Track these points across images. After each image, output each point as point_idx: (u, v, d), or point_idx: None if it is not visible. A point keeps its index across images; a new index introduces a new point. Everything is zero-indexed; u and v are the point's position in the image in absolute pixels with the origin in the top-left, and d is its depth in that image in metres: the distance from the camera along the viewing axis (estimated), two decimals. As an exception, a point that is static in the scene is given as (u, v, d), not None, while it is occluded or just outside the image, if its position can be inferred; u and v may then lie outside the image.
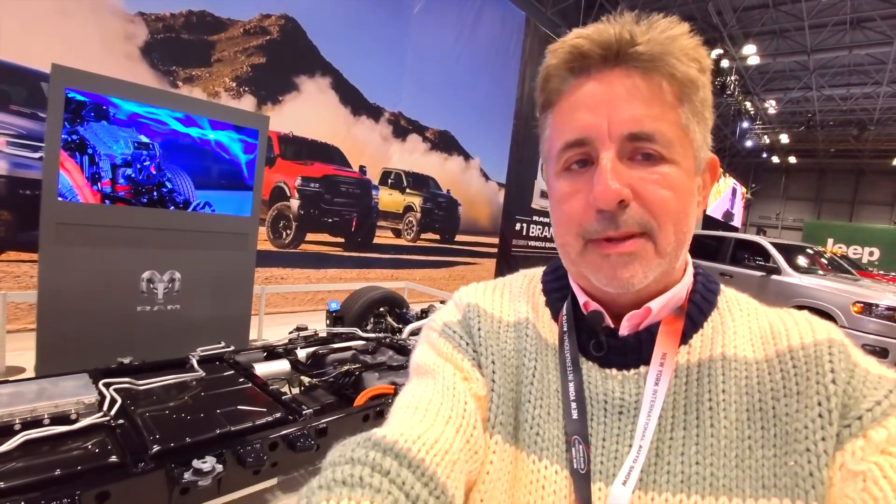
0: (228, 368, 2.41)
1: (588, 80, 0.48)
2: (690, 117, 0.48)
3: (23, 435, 1.52)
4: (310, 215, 5.46)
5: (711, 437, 0.47)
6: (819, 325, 0.50)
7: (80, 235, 2.49)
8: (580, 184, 0.49)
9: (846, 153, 23.54)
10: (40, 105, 3.59)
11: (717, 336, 0.52)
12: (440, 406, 0.50)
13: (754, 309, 0.55)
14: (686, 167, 0.49)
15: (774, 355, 0.49)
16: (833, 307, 5.35)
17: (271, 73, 4.93)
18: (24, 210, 3.58)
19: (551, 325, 0.58)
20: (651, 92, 0.47)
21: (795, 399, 0.46)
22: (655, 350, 0.51)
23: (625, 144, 0.47)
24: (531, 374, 0.55)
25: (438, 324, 0.61)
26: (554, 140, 0.52)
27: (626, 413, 0.50)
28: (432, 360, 0.57)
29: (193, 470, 1.54)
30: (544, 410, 0.53)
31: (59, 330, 2.47)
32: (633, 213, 0.46)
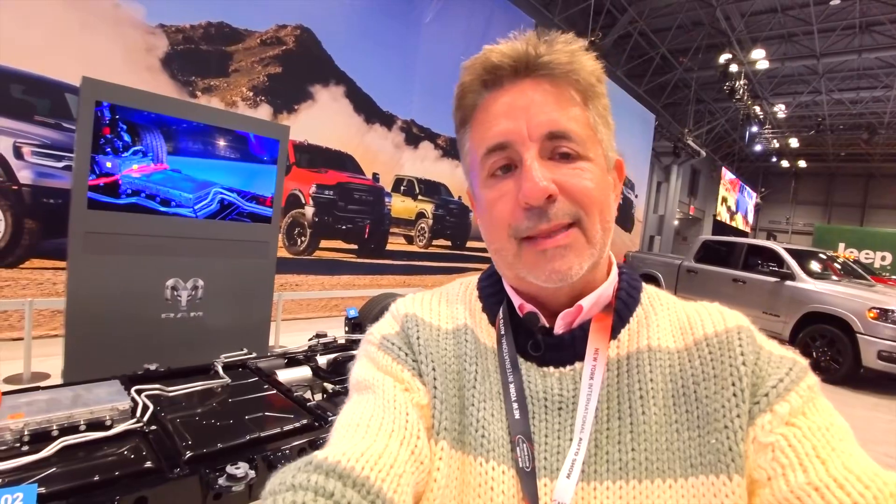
0: (252, 375, 2.44)
1: (501, 91, 0.52)
2: (597, 119, 0.53)
3: (61, 441, 1.55)
4: (324, 222, 5.52)
5: (644, 424, 0.50)
6: (729, 315, 0.55)
7: (107, 244, 2.53)
8: (506, 187, 0.51)
9: (856, 157, 23.36)
10: (64, 116, 3.67)
11: (643, 329, 0.55)
12: (382, 420, 0.50)
13: (673, 303, 0.59)
14: (599, 164, 0.53)
15: (693, 344, 0.53)
16: (848, 313, 5.30)
17: (287, 83, 5.01)
18: (49, 219, 3.65)
19: (489, 329, 0.60)
20: (561, 96, 0.51)
21: (713, 382, 0.50)
22: (588, 346, 0.53)
23: (545, 144, 0.50)
24: (473, 377, 0.56)
25: (377, 337, 0.61)
26: (475, 150, 0.54)
27: (565, 408, 0.53)
28: (371, 375, 0.57)
29: (227, 475, 1.57)
30: (488, 412, 0.54)
31: (87, 336, 2.51)
32: (561, 206, 0.49)
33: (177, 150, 2.73)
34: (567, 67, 0.51)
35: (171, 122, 2.69)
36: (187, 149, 2.77)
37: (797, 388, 0.47)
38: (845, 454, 0.44)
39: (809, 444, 0.44)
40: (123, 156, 2.57)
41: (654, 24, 13.27)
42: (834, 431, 0.46)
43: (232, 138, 2.93)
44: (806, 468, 0.43)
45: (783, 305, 5.98)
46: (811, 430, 0.45)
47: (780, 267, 6.19)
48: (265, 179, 3.07)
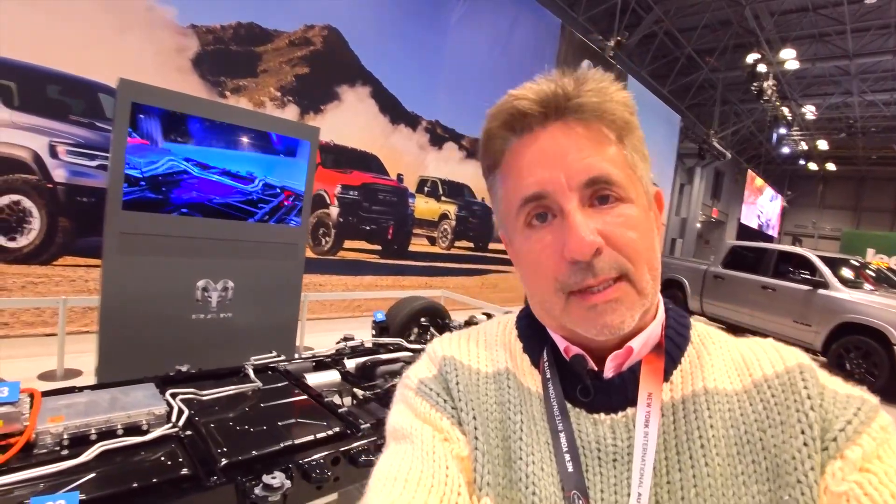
0: (282, 378, 2.43)
1: (531, 137, 0.50)
2: (634, 155, 0.51)
3: (100, 445, 1.55)
4: (348, 223, 5.52)
5: (708, 477, 0.46)
6: (786, 352, 0.51)
7: (141, 244, 2.55)
8: (546, 239, 0.49)
9: (888, 160, 22.65)
10: (97, 115, 3.72)
11: (696, 370, 0.52)
12: (420, 474, 0.48)
13: (724, 341, 0.55)
14: (640, 204, 0.50)
15: (752, 386, 0.50)
16: (885, 324, 5.11)
17: (314, 83, 5.02)
18: (82, 217, 3.70)
19: (532, 372, 0.56)
20: (595, 138, 0.49)
21: (780, 430, 0.46)
22: (641, 390, 0.50)
23: (584, 191, 0.47)
24: (518, 428, 0.53)
25: (413, 381, 0.59)
26: (510, 199, 0.52)
27: (620, 460, 0.49)
28: (409, 423, 0.55)
29: (263, 485, 1.55)
30: (537, 466, 0.51)
31: (119, 336, 2.53)
32: (607, 259, 0.46)
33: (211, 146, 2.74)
34: (599, 108, 0.48)
35: (205, 122, 2.69)
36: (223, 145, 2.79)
37: (868, 430, 0.44)
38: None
39: (887, 491, 0.41)
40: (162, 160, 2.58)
41: (680, 23, 13.02)
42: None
43: (261, 137, 2.93)
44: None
45: (815, 315, 5.80)
46: (888, 475, 0.42)
47: (812, 275, 6.00)
48: (296, 173, 3.07)
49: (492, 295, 7.72)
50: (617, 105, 0.49)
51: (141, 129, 2.51)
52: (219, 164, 2.79)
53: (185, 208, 2.68)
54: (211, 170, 2.77)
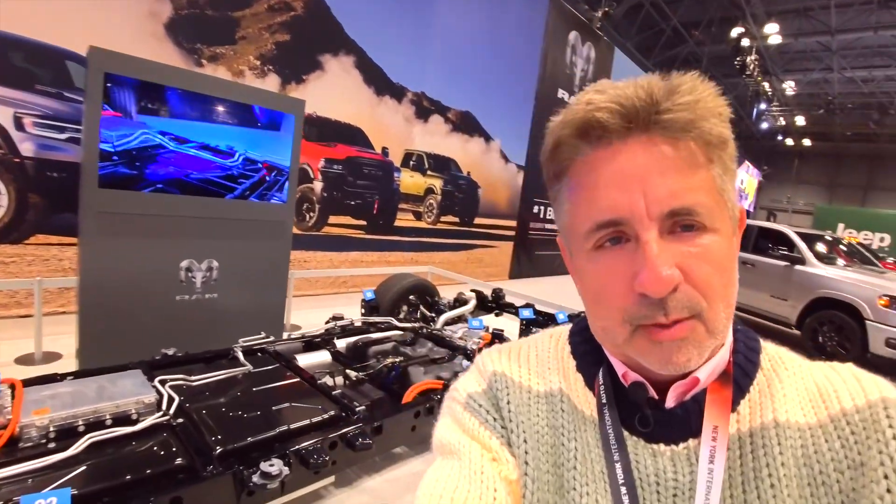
0: (272, 360, 2.39)
1: (609, 151, 0.44)
2: (723, 176, 0.45)
3: (88, 437, 1.50)
4: (333, 198, 5.40)
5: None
6: (868, 383, 0.46)
7: (120, 224, 2.44)
8: (618, 265, 0.44)
9: (863, 137, 23.11)
10: (66, 85, 3.51)
11: (766, 400, 0.48)
12: (467, 494, 0.47)
13: (798, 366, 0.51)
14: (725, 232, 0.45)
15: (828, 420, 0.45)
16: (859, 300, 5.28)
17: (295, 52, 4.80)
18: (53, 193, 3.53)
19: (586, 393, 0.53)
20: (683, 160, 0.43)
21: (861, 472, 0.42)
22: (705, 423, 0.47)
23: (665, 222, 0.43)
24: (573, 455, 0.51)
25: (462, 395, 0.57)
26: (579, 217, 0.47)
27: (680, 496, 0.46)
28: (457, 439, 0.53)
29: (261, 473, 1.53)
30: (592, 498, 0.49)
31: (101, 319, 2.45)
32: (681, 297, 0.43)
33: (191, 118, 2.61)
34: (691, 125, 0.42)
35: (184, 93, 2.55)
36: (202, 117, 2.65)
37: None
38: None
39: None
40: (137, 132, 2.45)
41: (668, -5, 12.83)
42: None
43: (243, 109, 2.80)
44: None
45: (792, 290, 5.96)
46: None
47: (790, 251, 6.14)
48: (279, 148, 2.96)
49: (477, 270, 7.72)
50: (712, 120, 0.44)
51: (114, 100, 2.36)
52: (197, 138, 2.66)
53: (160, 184, 2.56)
54: (188, 144, 2.65)
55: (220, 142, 2.74)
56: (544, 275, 9.35)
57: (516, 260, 8.70)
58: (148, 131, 2.51)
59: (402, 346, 2.86)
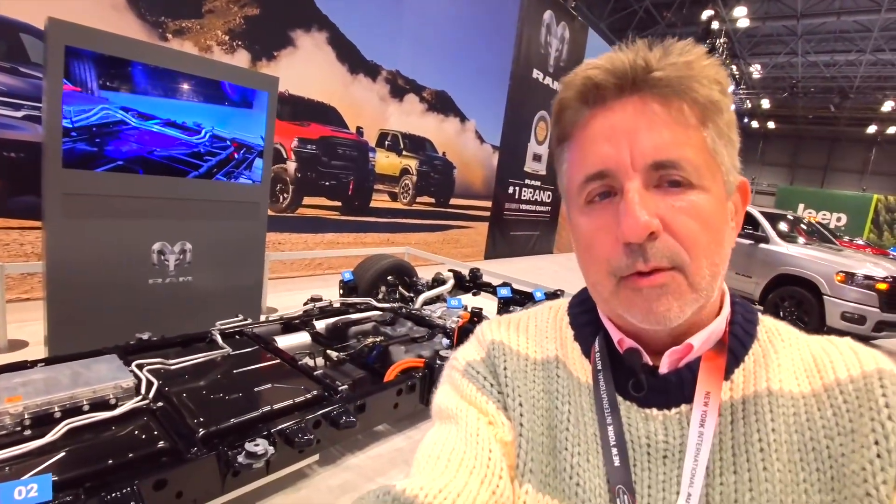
0: (251, 343, 2.37)
1: (604, 110, 0.47)
2: (717, 139, 0.46)
3: (66, 423, 1.47)
4: (307, 178, 5.30)
5: (766, 482, 0.44)
6: (865, 355, 0.48)
7: (87, 205, 2.35)
8: (605, 218, 0.47)
9: (823, 120, 23.94)
10: (21, 59, 3.32)
11: (760, 370, 0.49)
12: (463, 455, 0.48)
13: (795, 338, 0.52)
14: (716, 193, 0.46)
15: (822, 389, 0.47)
16: (818, 276, 5.54)
17: (266, 26, 4.64)
18: (11, 175, 3.36)
19: (582, 362, 0.55)
20: (672, 117, 0.45)
21: (850, 438, 0.44)
22: (698, 389, 0.48)
23: (650, 174, 0.45)
24: (566, 418, 0.53)
25: (461, 363, 0.59)
26: (573, 175, 0.49)
27: (670, 457, 0.48)
28: (455, 404, 0.55)
29: (246, 453, 1.53)
30: (583, 458, 0.50)
31: (70, 304, 2.37)
32: (662, 247, 0.44)
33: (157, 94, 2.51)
34: (682, 84, 0.44)
35: (149, 67, 2.45)
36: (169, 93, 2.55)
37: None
38: None
39: None
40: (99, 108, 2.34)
41: (641, -24, 12.86)
42: None
43: (211, 85, 2.71)
44: None
45: (756, 267, 6.20)
46: None
47: (755, 230, 6.37)
48: (251, 125, 2.87)
49: (453, 250, 7.75)
50: (703, 81, 0.45)
51: (73, 74, 2.25)
52: (162, 115, 2.56)
53: (121, 161, 2.45)
54: (152, 120, 2.55)
55: (187, 118, 2.64)
56: (519, 255, 9.45)
57: (492, 240, 8.76)
58: (109, 107, 2.40)
59: (382, 326, 2.87)
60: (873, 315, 5.17)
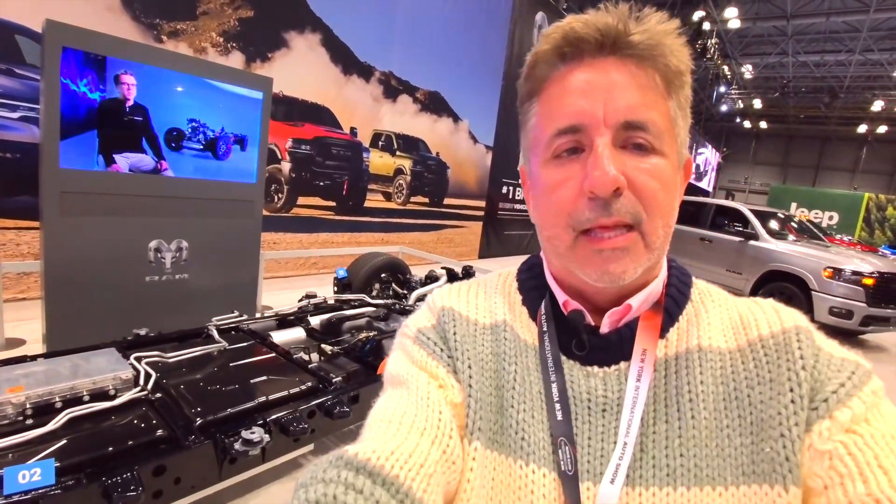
0: (247, 338, 2.42)
1: (580, 66, 0.48)
2: (678, 111, 0.49)
3: (67, 413, 1.51)
4: (301, 178, 5.35)
5: (693, 429, 0.48)
6: (785, 313, 0.52)
7: (84, 204, 2.39)
8: (571, 171, 0.48)
9: (814, 119, 24.17)
10: (16, 61, 3.35)
11: (693, 328, 0.53)
12: (414, 417, 0.49)
13: (725, 300, 0.56)
14: (672, 161, 0.49)
15: (746, 345, 0.50)
16: (806, 272, 5.63)
17: (260, 28, 4.68)
18: (7, 175, 3.39)
19: (529, 324, 0.57)
20: (646, 81, 0.47)
21: (769, 386, 0.47)
22: (636, 346, 0.51)
23: (619, 132, 0.47)
24: (512, 378, 0.54)
25: (412, 330, 0.60)
26: (543, 127, 0.51)
27: (609, 411, 0.51)
28: (406, 370, 0.56)
29: (243, 440, 1.58)
30: (528, 414, 0.52)
31: (68, 302, 2.41)
32: (625, 203, 0.46)
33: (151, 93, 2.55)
34: (656, 50, 0.47)
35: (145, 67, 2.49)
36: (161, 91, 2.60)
37: (860, 394, 0.45)
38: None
39: (871, 453, 0.41)
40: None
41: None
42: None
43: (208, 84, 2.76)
44: (866, 478, 0.40)
45: (746, 264, 6.29)
46: (874, 437, 0.43)
47: (745, 227, 6.46)
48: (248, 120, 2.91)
49: (448, 250, 7.81)
50: (674, 53, 0.47)
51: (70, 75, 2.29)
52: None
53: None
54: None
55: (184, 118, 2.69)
56: (514, 254, 9.52)
57: (486, 239, 8.82)
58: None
59: (376, 321, 2.92)
60: (860, 310, 5.26)
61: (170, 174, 2.66)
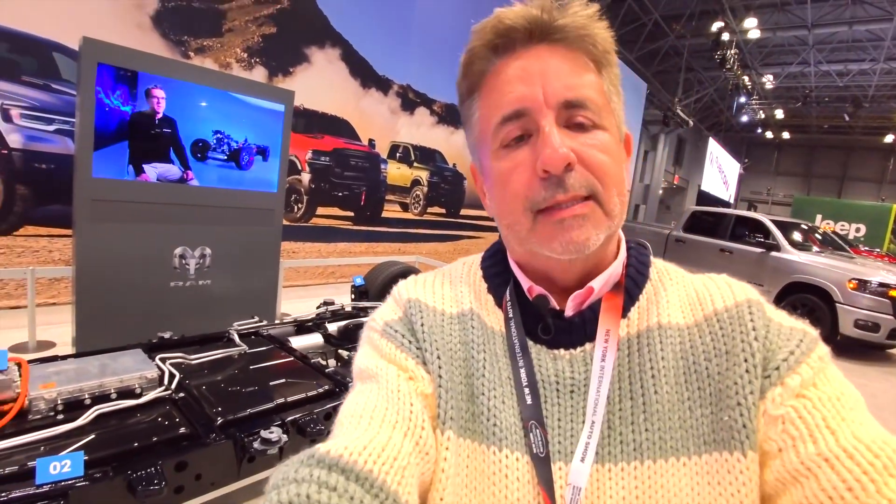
0: (266, 342, 2.48)
1: (514, 56, 0.50)
2: (611, 88, 0.52)
3: (95, 409, 1.58)
4: (320, 189, 5.46)
5: (656, 404, 0.50)
6: (738, 288, 0.54)
7: (114, 211, 2.49)
8: (520, 157, 0.50)
9: (838, 129, 23.68)
10: (53, 76, 3.52)
11: (652, 307, 0.55)
12: (385, 411, 0.49)
13: (682, 277, 0.58)
14: (614, 135, 0.52)
15: (703, 319, 0.52)
16: (829, 283, 5.51)
17: (282, 44, 4.84)
18: (42, 185, 3.55)
19: (496, 311, 0.58)
20: (577, 63, 0.50)
21: (725, 358, 0.49)
22: (599, 327, 0.53)
23: (561, 112, 0.49)
24: (481, 365, 0.55)
25: (379, 323, 0.60)
26: (487, 119, 0.52)
27: (577, 391, 0.52)
28: (374, 364, 0.56)
29: (261, 440, 1.62)
30: (499, 400, 0.53)
31: (97, 305, 2.51)
32: (578, 177, 0.48)
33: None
34: (582, 32, 0.49)
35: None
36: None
37: (808, 360, 0.47)
38: (855, 423, 0.44)
39: (819, 415, 0.44)
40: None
41: (648, -12, 13.01)
42: (844, 401, 0.46)
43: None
44: (816, 439, 0.43)
45: (768, 275, 6.18)
46: (821, 400, 0.45)
47: (766, 238, 6.35)
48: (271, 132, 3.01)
49: (464, 261, 7.84)
50: (599, 35, 0.50)
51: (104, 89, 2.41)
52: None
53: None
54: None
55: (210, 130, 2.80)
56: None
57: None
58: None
59: (392, 328, 2.96)
60: (888, 322, 5.13)
61: (195, 183, 2.77)
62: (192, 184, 2.76)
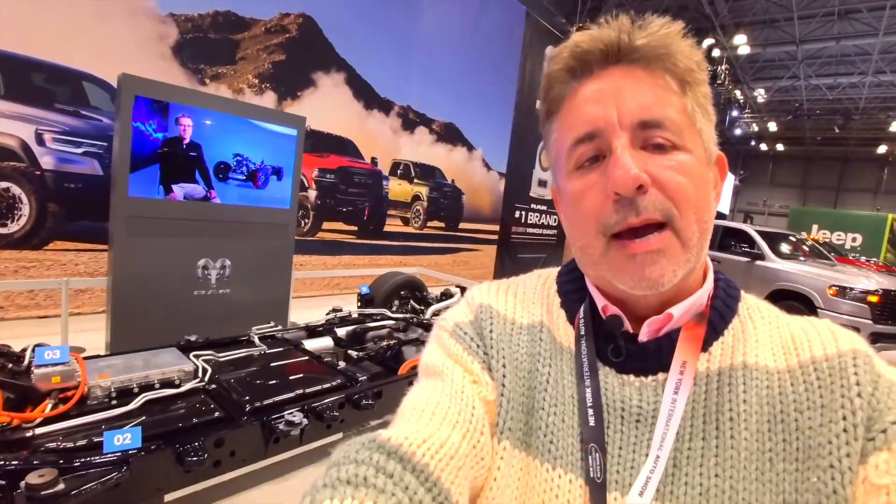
0: (283, 344, 2.74)
1: (590, 78, 0.49)
2: (696, 108, 0.49)
3: (143, 396, 1.84)
4: (326, 205, 5.76)
5: (731, 449, 0.45)
6: (842, 336, 0.48)
7: (147, 227, 2.78)
8: (594, 179, 0.48)
9: (832, 141, 24.06)
10: (82, 103, 3.83)
11: (738, 344, 0.50)
12: (447, 410, 0.49)
13: (776, 317, 0.53)
14: (698, 156, 0.48)
15: (797, 366, 0.47)
16: (811, 290, 5.77)
17: (290, 70, 5.18)
18: (70, 202, 3.84)
19: (566, 328, 0.56)
20: (655, 82, 0.48)
21: (819, 412, 0.44)
22: (675, 357, 0.49)
23: (636, 133, 0.46)
24: (545, 379, 0.54)
25: (450, 324, 0.60)
26: (562, 140, 0.51)
27: (643, 421, 0.49)
28: (441, 362, 0.56)
29: (286, 422, 1.88)
30: (559, 417, 0.52)
31: (129, 312, 2.77)
32: (652, 199, 0.45)
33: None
34: (661, 51, 0.47)
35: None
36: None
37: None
38: None
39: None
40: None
41: (641, 7, 13.46)
42: None
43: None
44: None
45: (754, 283, 6.43)
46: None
47: (751, 248, 6.63)
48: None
49: (463, 271, 8.11)
50: (681, 53, 0.48)
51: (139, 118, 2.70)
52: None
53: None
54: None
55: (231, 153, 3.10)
56: (528, 276, 9.74)
57: (500, 262, 9.10)
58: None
59: (396, 332, 3.22)
60: (867, 327, 5.36)
61: (217, 201, 3.05)
62: (215, 202, 3.05)
